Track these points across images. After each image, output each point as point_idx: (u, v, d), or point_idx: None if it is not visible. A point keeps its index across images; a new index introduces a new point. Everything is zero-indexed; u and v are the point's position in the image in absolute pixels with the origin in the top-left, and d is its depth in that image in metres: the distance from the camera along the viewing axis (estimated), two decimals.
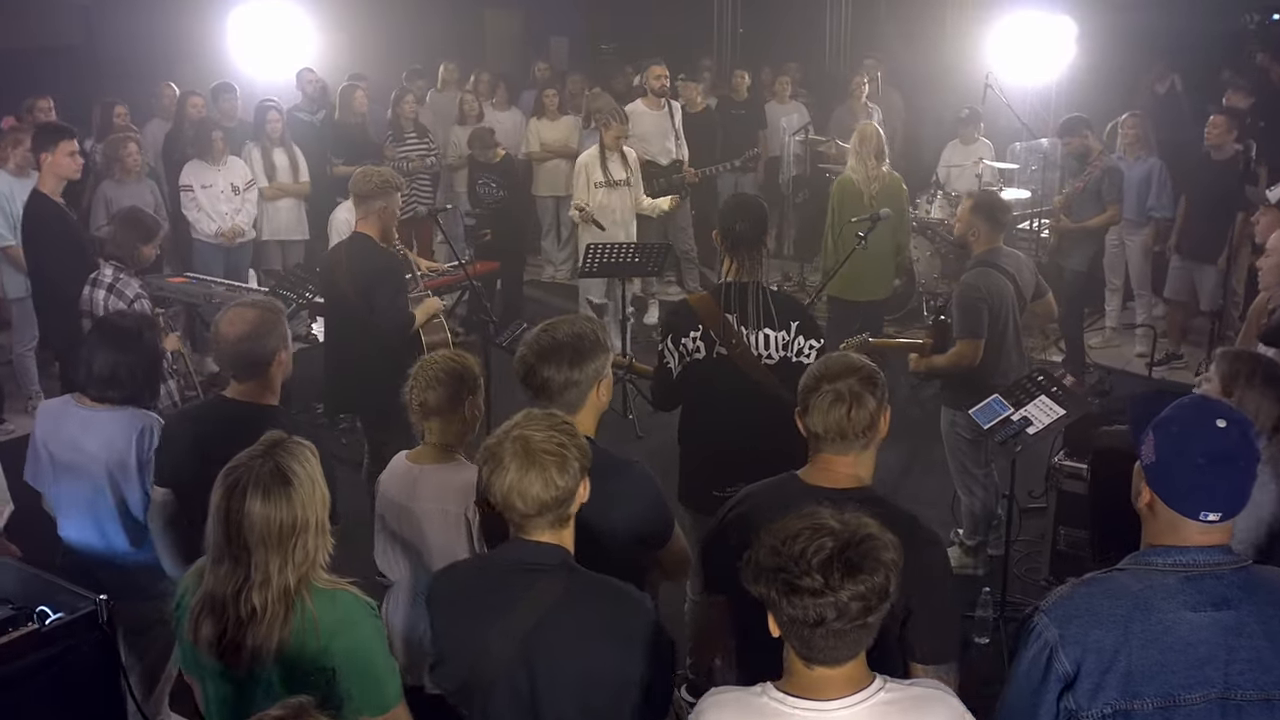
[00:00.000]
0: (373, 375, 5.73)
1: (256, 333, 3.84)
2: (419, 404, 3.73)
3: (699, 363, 4.50)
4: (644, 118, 9.95)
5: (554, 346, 3.29)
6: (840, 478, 3.09)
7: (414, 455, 3.83)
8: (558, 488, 2.70)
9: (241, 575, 2.77)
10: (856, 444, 3.07)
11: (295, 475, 2.80)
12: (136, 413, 4.26)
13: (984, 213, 5.71)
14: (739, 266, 4.55)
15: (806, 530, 2.31)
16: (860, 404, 3.03)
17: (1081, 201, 8.55)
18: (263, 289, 8.41)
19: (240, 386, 3.94)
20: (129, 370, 4.25)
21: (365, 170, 5.98)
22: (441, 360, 3.77)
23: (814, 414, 3.06)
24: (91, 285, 6.10)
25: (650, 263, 8.02)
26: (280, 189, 9.58)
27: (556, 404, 3.27)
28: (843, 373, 3.06)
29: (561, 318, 3.43)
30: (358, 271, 5.78)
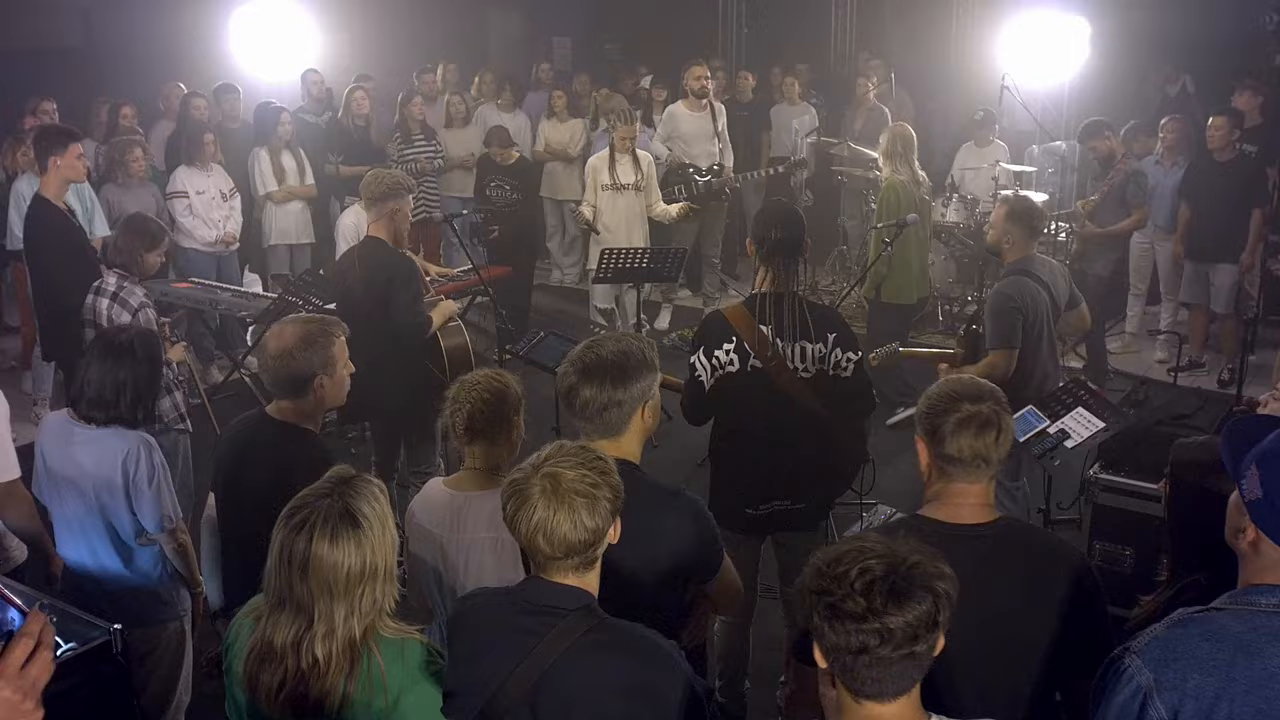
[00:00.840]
0: (389, 382, 5.58)
1: (291, 350, 3.69)
2: (465, 428, 3.50)
3: (732, 376, 4.34)
4: (684, 120, 9.79)
5: (598, 365, 3.12)
6: (974, 510, 2.90)
7: (454, 482, 3.60)
8: (586, 530, 2.53)
9: (304, 623, 2.59)
10: (990, 471, 2.89)
11: (365, 517, 2.61)
12: (123, 434, 4.13)
13: (1019, 219, 5.54)
14: (774, 276, 4.39)
15: (852, 553, 2.16)
16: (1004, 429, 2.86)
17: (1105, 206, 8.39)
18: (269, 295, 8.25)
19: (280, 405, 3.80)
20: (117, 390, 4.12)
21: (376, 173, 5.84)
22: (484, 380, 3.56)
23: (955, 439, 2.83)
24: (95, 294, 5.94)
25: (666, 269, 7.85)
26: (291, 192, 9.42)
27: (597, 426, 3.11)
28: (979, 394, 2.89)
29: (608, 334, 3.27)
30: (372, 276, 5.63)
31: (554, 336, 6.16)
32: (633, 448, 3.20)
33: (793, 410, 4.35)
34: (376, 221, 5.75)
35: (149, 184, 8.62)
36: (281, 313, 6.99)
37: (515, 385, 3.61)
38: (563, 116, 11.19)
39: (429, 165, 10.24)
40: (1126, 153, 8.64)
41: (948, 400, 2.89)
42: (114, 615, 3.69)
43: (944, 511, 2.90)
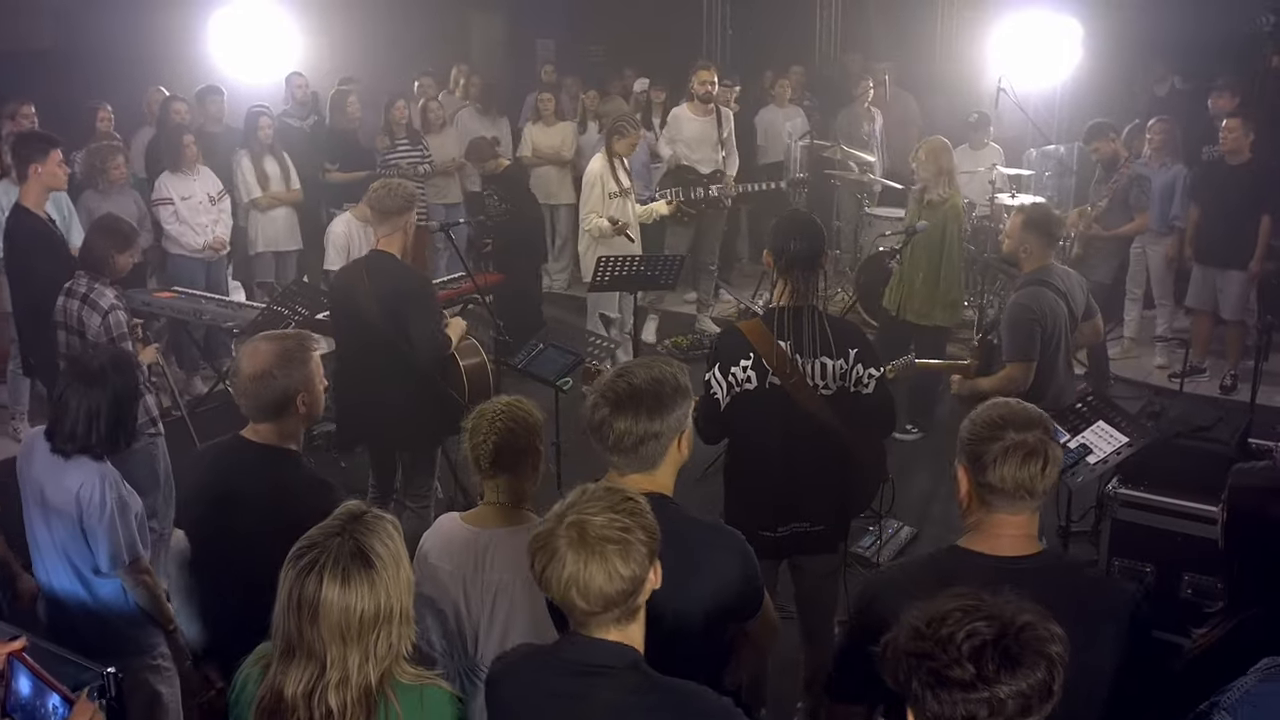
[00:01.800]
0: (401, 407, 5.41)
1: (270, 370, 3.47)
2: (489, 461, 3.31)
3: (749, 394, 4.16)
4: (688, 124, 9.61)
5: (631, 395, 2.92)
6: (1016, 542, 2.73)
7: (474, 518, 3.40)
8: (623, 579, 2.34)
9: (315, 671, 2.40)
10: (1036, 502, 2.72)
11: (379, 556, 2.42)
12: (83, 466, 3.94)
13: (1037, 228, 5.39)
14: (793, 289, 4.22)
15: (957, 612, 1.98)
16: (1051, 459, 2.68)
17: (1108, 209, 8.27)
18: (256, 305, 8.03)
19: (258, 428, 3.58)
20: (90, 419, 3.92)
21: (386, 183, 5.54)
22: (505, 409, 3.37)
23: (998, 468, 2.66)
24: (65, 295, 5.76)
25: (664, 276, 7.67)
26: (275, 198, 9.20)
27: (631, 460, 2.92)
28: (1027, 422, 2.70)
29: (638, 360, 3.06)
30: (386, 293, 5.37)
31: (553, 348, 5.98)
32: (667, 480, 3.02)
33: (813, 429, 4.19)
34: (390, 235, 5.48)
35: (130, 190, 8.39)
36: (269, 323, 6.79)
37: (536, 412, 3.43)
38: (550, 120, 11.00)
39: (414, 170, 10.05)
40: (1130, 155, 8.51)
41: (992, 427, 2.71)
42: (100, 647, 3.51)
43: (984, 543, 2.74)
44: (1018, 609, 1.99)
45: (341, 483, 6.87)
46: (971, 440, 2.73)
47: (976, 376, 5.53)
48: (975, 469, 2.71)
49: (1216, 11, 10.64)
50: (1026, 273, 5.42)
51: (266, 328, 6.79)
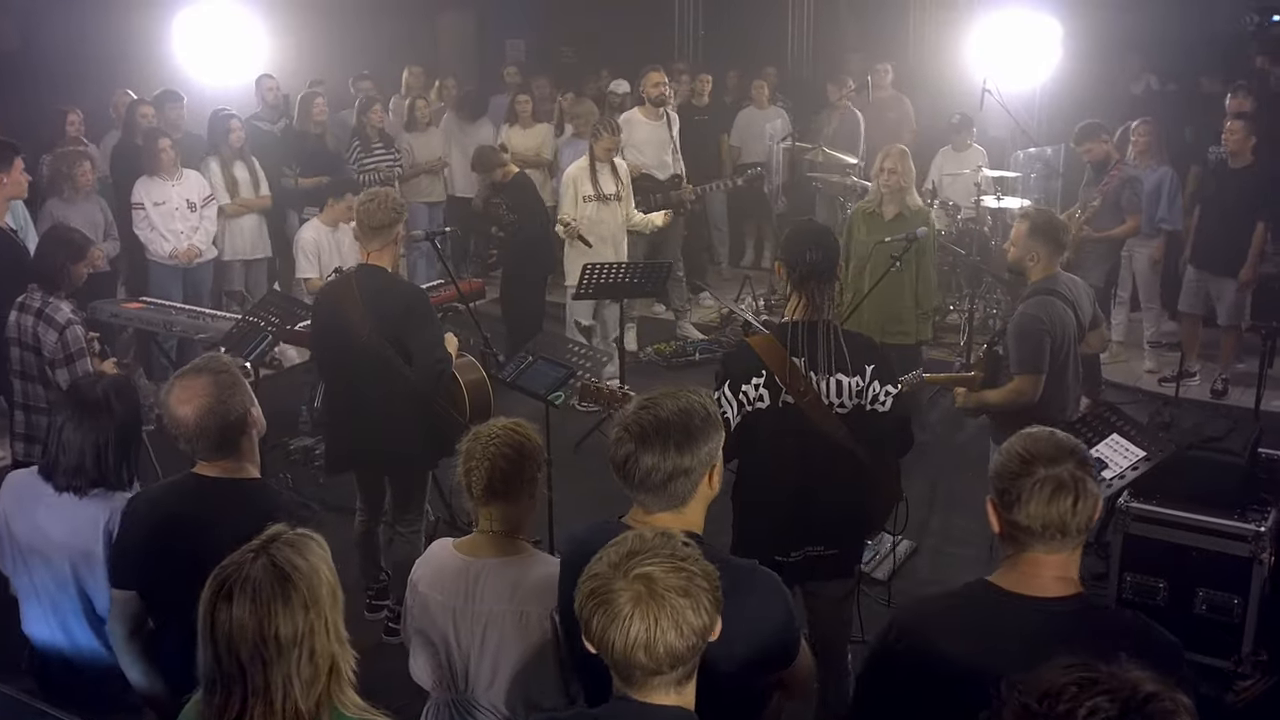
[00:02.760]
0: (396, 426, 5.16)
1: (214, 404, 3.21)
2: (482, 488, 3.13)
3: (761, 413, 3.97)
4: (640, 128, 9.37)
5: (658, 427, 2.71)
6: (1051, 583, 2.53)
7: (466, 547, 3.22)
8: (694, 631, 2.17)
9: (238, 703, 2.21)
10: (1073, 541, 2.52)
11: (295, 570, 2.24)
12: (106, 497, 3.66)
13: (1044, 234, 5.22)
14: (807, 303, 4.03)
15: (1072, 686, 1.79)
16: (1085, 493, 2.49)
17: (1099, 212, 8.15)
18: (228, 315, 7.77)
19: (215, 463, 3.31)
20: (98, 452, 3.64)
21: (374, 194, 5.24)
22: (502, 433, 3.17)
23: (1028, 506, 2.48)
24: (19, 310, 5.53)
25: (651, 283, 7.49)
26: (245, 204, 8.95)
27: (660, 498, 2.73)
28: (1058, 454, 2.51)
29: (662, 391, 2.85)
30: (382, 310, 5.08)
31: (543, 361, 5.73)
32: (697, 518, 2.83)
33: (828, 449, 4.00)
34: (381, 250, 5.17)
35: (95, 197, 8.10)
36: (245, 336, 6.53)
37: (535, 437, 3.24)
38: (527, 123, 10.78)
39: (390, 174, 9.82)
40: (1121, 157, 8.40)
41: (1020, 461, 2.53)
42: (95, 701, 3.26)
43: (1015, 580, 2.55)
44: (1138, 679, 1.80)
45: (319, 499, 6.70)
46: (999, 476, 2.56)
47: (982, 389, 5.36)
48: (1003, 506, 2.54)
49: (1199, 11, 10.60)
50: (1033, 282, 5.25)
51: (242, 340, 6.55)
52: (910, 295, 7.13)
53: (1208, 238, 8.28)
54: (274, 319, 6.66)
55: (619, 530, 2.79)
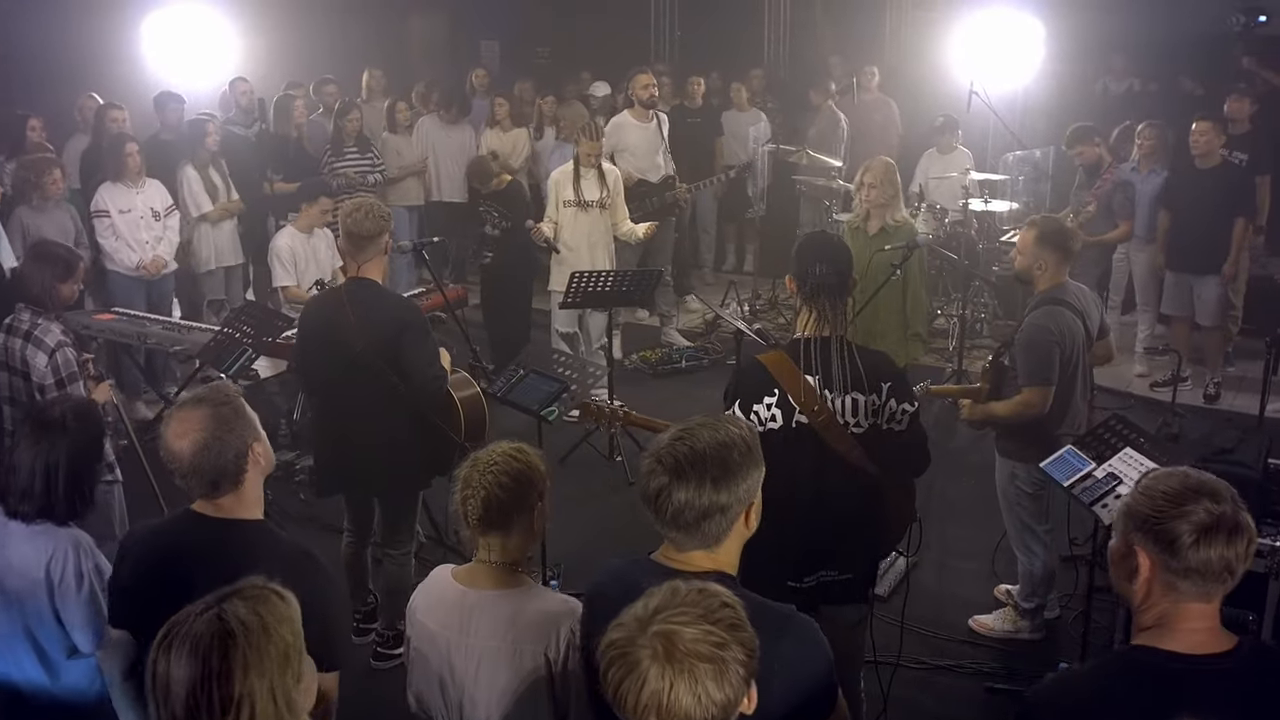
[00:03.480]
0: (391, 446, 4.97)
1: (209, 440, 2.96)
2: (477, 517, 2.95)
3: (774, 434, 3.80)
4: (631, 131, 9.20)
5: (694, 460, 2.54)
6: (1216, 636, 2.34)
7: (464, 576, 3.05)
8: (714, 704, 1.99)
9: None
10: (1231, 585, 2.32)
11: (243, 627, 2.08)
12: (51, 533, 3.48)
13: (1052, 242, 5.09)
14: (820, 318, 3.86)
15: None
16: (1251, 533, 2.30)
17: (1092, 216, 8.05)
18: (203, 326, 7.55)
19: (215, 501, 3.08)
20: (48, 475, 3.47)
21: (361, 204, 5.00)
22: (501, 460, 2.99)
23: (1201, 549, 2.26)
24: (6, 333, 5.26)
25: (639, 292, 7.32)
26: (225, 210, 8.70)
27: (693, 537, 2.56)
28: (1217, 491, 2.31)
29: (699, 420, 2.67)
30: (376, 325, 4.85)
31: (535, 375, 5.56)
32: (732, 558, 2.66)
33: (843, 470, 3.84)
34: (371, 261, 4.94)
35: (65, 205, 7.84)
36: (223, 349, 6.34)
37: (538, 463, 3.05)
38: (505, 126, 10.59)
39: (360, 179, 9.61)
40: (1114, 161, 8.29)
41: (1180, 498, 2.30)
42: None
43: (1179, 640, 2.32)
44: None
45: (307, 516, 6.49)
46: (1155, 517, 2.31)
47: (988, 401, 5.23)
48: (1166, 551, 2.29)
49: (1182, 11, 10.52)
50: (1041, 291, 5.12)
51: (221, 353, 6.36)
52: (896, 314, 6.84)
53: (1183, 240, 8.19)
54: (251, 331, 6.47)
55: (648, 568, 2.63)
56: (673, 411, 8.31)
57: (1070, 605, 5.75)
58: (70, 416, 3.58)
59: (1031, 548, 5.44)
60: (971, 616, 5.68)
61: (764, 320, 10.27)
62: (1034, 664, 5.36)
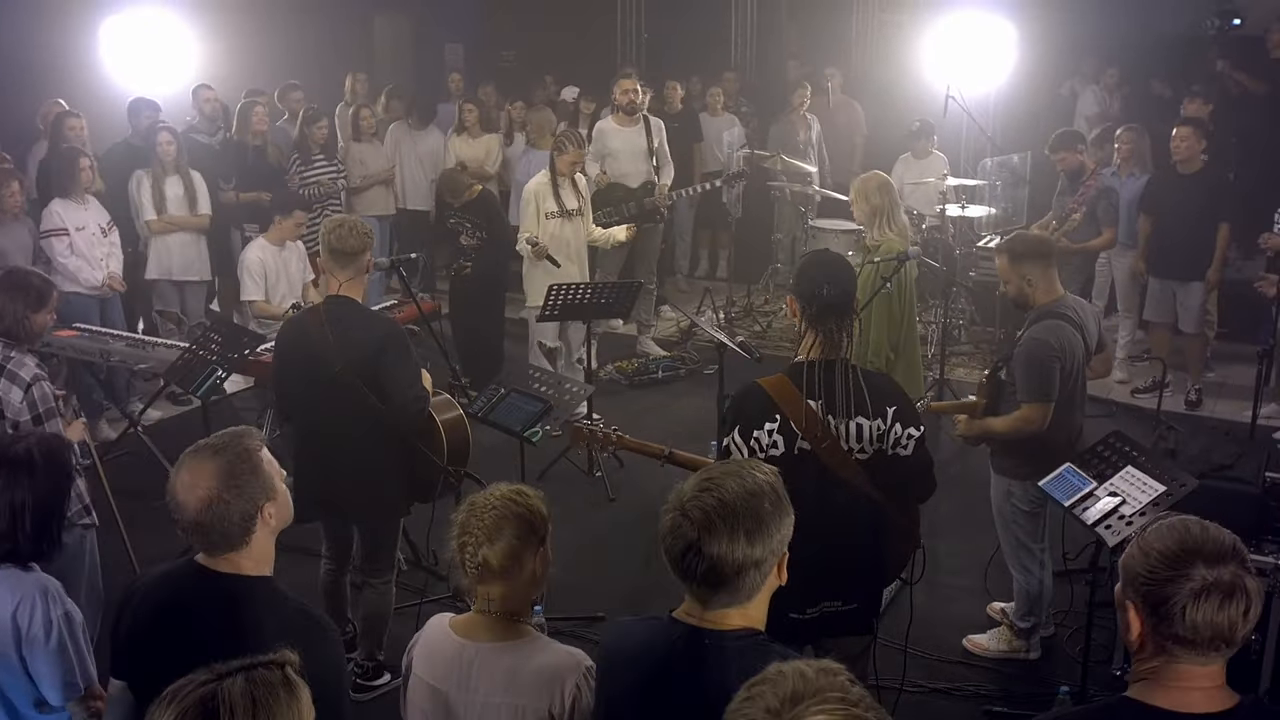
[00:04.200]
0: (370, 471, 4.78)
1: (216, 498, 2.74)
2: (476, 566, 2.78)
3: (775, 460, 3.64)
4: (614, 135, 9.04)
5: (724, 513, 2.38)
6: (1214, 695, 2.22)
7: (463, 627, 2.88)
8: None
9: None
10: (1229, 651, 2.21)
11: (229, 713, 1.93)
12: (16, 579, 3.28)
13: (1029, 256, 5.00)
14: (824, 341, 3.72)
15: None
16: (1253, 597, 2.16)
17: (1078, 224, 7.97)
18: (168, 342, 7.32)
19: (224, 557, 2.87)
20: (14, 515, 3.28)
21: (343, 221, 4.84)
22: (499, 503, 2.82)
23: (1192, 616, 2.14)
24: None
25: (620, 303, 7.16)
26: (170, 222, 8.40)
27: (724, 594, 2.40)
28: (1220, 550, 2.17)
29: (722, 465, 2.51)
30: (355, 345, 4.67)
31: (517, 394, 5.40)
32: (760, 613, 2.50)
33: (847, 499, 3.71)
34: (353, 279, 4.78)
35: (24, 219, 7.57)
36: (191, 369, 6.14)
37: (540, 506, 2.89)
38: (474, 132, 10.40)
39: (332, 187, 9.41)
40: (1098, 167, 8.21)
41: (1175, 561, 2.17)
42: None
43: (1171, 698, 2.21)
44: None
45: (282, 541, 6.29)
46: (1149, 579, 2.19)
47: (985, 417, 5.11)
48: (1155, 615, 2.18)
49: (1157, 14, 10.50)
50: (1040, 305, 5.01)
51: (188, 374, 6.15)
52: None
53: (1166, 245, 8.12)
54: (218, 348, 6.26)
55: (672, 629, 2.47)
56: (652, 423, 8.26)
57: (1065, 623, 5.65)
58: (38, 453, 3.37)
59: (1028, 567, 5.33)
60: (965, 636, 5.56)
61: (739, 328, 10.14)
62: (1032, 685, 5.27)
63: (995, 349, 9.27)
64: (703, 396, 8.58)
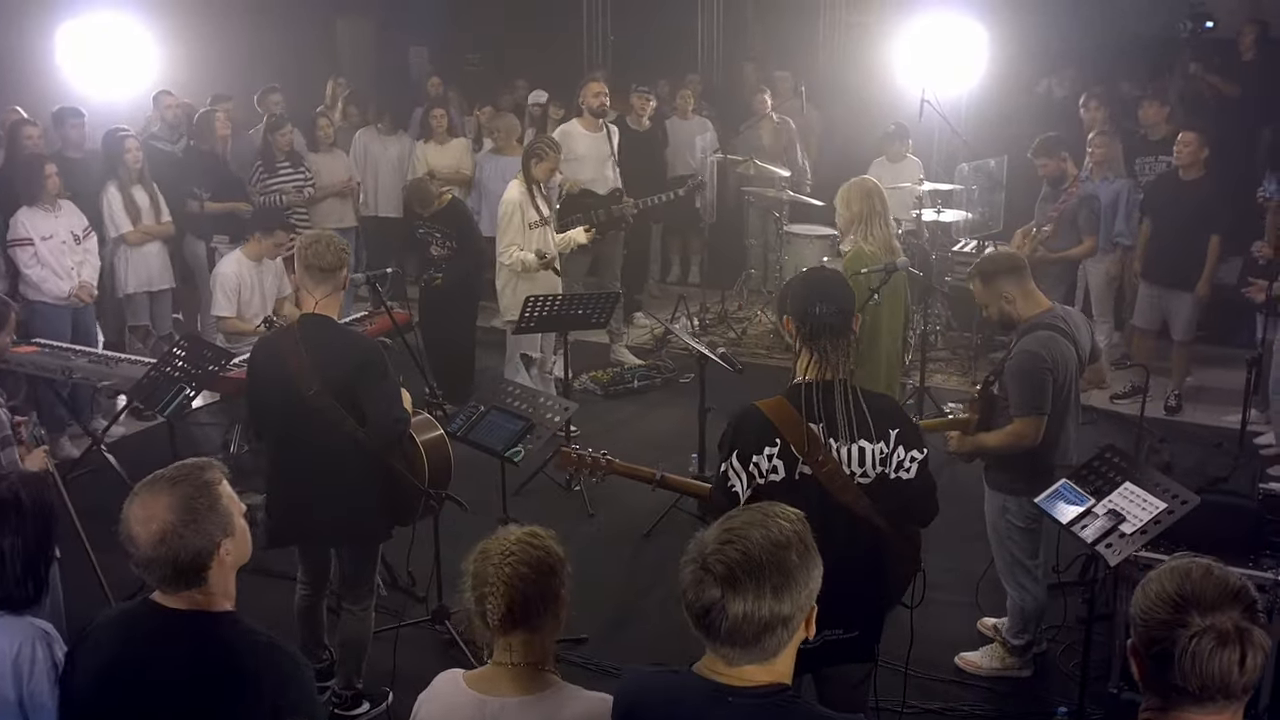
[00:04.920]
0: (349, 495, 4.60)
1: (172, 532, 2.59)
2: (500, 617, 2.61)
3: (775, 486, 3.52)
4: (580, 140, 8.87)
5: (750, 568, 2.23)
6: None
7: (480, 682, 2.70)
8: None
9: None
10: (1238, 702, 2.12)
11: None
12: (10, 625, 3.09)
13: (1000, 274, 4.94)
14: (821, 361, 3.58)
15: None
16: (1253, 646, 2.07)
17: (1058, 231, 7.89)
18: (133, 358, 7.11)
19: (180, 594, 2.70)
20: (3, 565, 3.10)
21: (318, 236, 4.67)
22: (518, 550, 2.66)
23: (1183, 663, 2.06)
24: None
25: (598, 315, 7.02)
26: (146, 232, 8.23)
27: (750, 652, 2.26)
28: (1220, 595, 2.09)
29: (742, 515, 2.36)
30: (331, 365, 4.49)
31: (497, 412, 5.25)
32: (787, 667, 2.37)
33: (848, 524, 3.58)
34: (328, 297, 4.60)
35: None
36: (158, 388, 5.94)
37: (557, 547, 2.74)
38: (442, 138, 10.21)
39: (298, 196, 9.21)
40: (1079, 174, 8.13)
41: (1172, 605, 2.10)
42: None
43: None
44: None
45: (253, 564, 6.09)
46: (1144, 624, 2.13)
47: (978, 433, 5.01)
48: (1150, 659, 2.12)
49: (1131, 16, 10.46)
50: (1027, 319, 4.92)
51: (154, 392, 5.95)
52: None
53: (1161, 251, 8.05)
54: (185, 365, 6.07)
55: (693, 683, 2.33)
56: (629, 435, 8.11)
57: (1058, 638, 5.54)
58: (25, 494, 3.19)
59: (1023, 583, 5.23)
60: (959, 654, 5.45)
61: (714, 334, 10.01)
62: (1027, 704, 5.18)
63: (974, 355, 9.20)
64: (680, 407, 8.44)
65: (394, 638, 5.14)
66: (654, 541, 6.58)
